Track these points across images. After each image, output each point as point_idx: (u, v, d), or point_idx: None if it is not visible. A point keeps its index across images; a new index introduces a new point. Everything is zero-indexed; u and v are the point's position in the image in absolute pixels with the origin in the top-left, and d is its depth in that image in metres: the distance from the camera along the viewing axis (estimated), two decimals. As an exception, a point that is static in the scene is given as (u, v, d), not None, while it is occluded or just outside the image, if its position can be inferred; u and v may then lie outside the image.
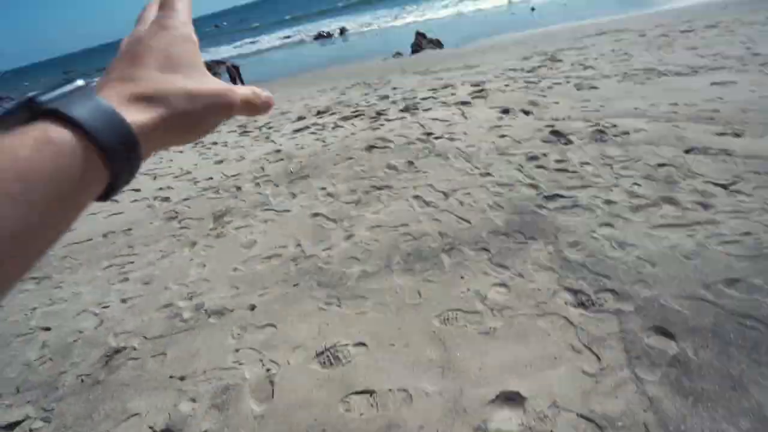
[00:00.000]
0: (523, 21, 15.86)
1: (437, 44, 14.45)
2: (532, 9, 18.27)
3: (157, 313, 2.61)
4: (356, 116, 5.62)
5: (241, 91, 0.35)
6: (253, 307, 2.49)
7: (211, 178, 4.43)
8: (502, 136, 3.82)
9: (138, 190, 4.62)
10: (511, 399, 1.66)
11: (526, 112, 4.47)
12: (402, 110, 5.35)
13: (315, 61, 17.99)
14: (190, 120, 0.31)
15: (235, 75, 13.47)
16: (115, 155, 0.26)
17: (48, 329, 2.72)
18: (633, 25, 8.93)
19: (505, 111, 4.59)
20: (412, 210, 3.00)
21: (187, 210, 3.83)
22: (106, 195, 0.28)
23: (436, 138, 4.07)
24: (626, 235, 2.40)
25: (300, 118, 6.36)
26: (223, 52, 31.27)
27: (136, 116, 0.27)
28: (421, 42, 14.36)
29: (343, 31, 27.29)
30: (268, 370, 2.03)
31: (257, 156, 4.79)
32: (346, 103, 6.85)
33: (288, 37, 32.10)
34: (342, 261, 2.68)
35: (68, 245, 3.70)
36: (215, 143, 5.91)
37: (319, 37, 26.98)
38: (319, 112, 6.47)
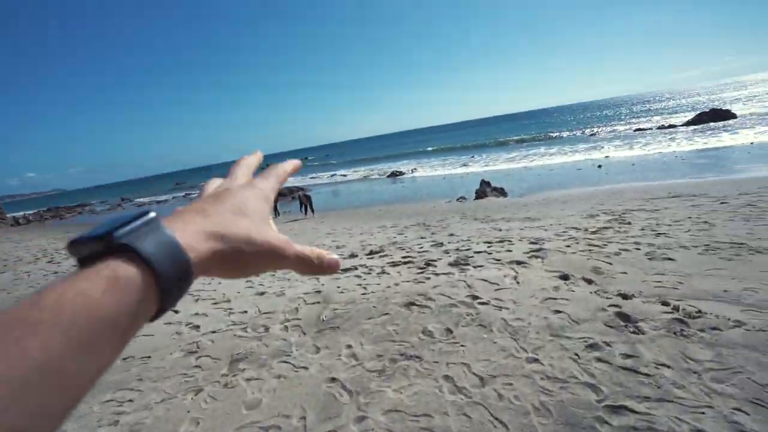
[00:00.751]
0: (588, 177, 16.09)
1: (501, 192, 14.93)
2: (599, 166, 18.64)
3: (126, 483, 2.24)
4: (405, 263, 5.50)
5: (299, 248, 0.37)
6: (227, 501, 2.03)
7: (246, 312, 4.34)
8: (557, 311, 3.34)
9: (177, 312, 4.65)
10: None
11: (588, 281, 4.01)
12: (452, 264, 5.14)
13: (384, 197, 19.37)
14: (241, 260, 0.33)
15: (305, 203, 14.74)
16: (171, 290, 0.28)
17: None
18: (711, 190, 8.46)
19: (564, 277, 4.17)
20: (439, 395, 2.51)
21: (210, 345, 3.66)
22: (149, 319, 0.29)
23: (482, 303, 3.70)
24: (732, 496, 1.70)
25: (352, 256, 6.41)
26: (303, 180, 35.35)
27: (196, 246, 0.30)
28: (486, 189, 14.96)
29: (413, 171, 29.86)
30: None
31: (296, 294, 4.70)
32: (401, 244, 6.87)
33: (357, 172, 35.88)
34: (345, 453, 2.20)
35: (88, 367, 3.62)
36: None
37: (392, 175, 29.64)
38: (371, 252, 6.51)
